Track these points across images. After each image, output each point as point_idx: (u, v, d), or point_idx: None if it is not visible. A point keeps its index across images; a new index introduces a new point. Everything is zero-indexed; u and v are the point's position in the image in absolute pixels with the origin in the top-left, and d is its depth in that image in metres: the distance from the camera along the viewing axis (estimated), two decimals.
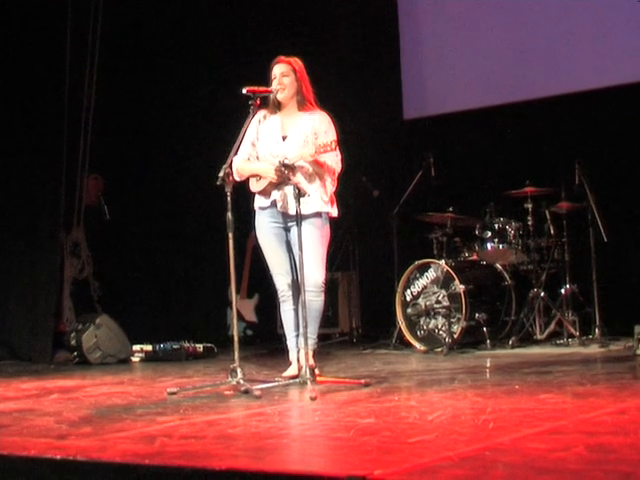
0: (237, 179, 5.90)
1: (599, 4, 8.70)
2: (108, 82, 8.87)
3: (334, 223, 6.03)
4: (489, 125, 9.05)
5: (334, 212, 5.99)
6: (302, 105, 5.96)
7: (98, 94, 8.79)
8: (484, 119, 9.11)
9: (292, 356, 6.00)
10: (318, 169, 5.81)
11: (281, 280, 5.99)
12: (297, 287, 5.89)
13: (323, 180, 5.87)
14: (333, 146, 5.56)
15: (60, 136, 8.31)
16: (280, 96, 5.92)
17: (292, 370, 5.92)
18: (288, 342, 6.04)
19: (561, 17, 8.87)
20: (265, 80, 5.95)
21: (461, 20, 9.44)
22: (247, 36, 9.82)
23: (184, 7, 9.66)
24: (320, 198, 5.86)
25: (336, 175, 5.91)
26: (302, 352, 5.62)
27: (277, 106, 6.00)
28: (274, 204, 5.90)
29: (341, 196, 6.18)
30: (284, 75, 5.91)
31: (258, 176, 5.91)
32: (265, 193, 5.92)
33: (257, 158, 5.99)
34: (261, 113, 6.01)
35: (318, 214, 5.86)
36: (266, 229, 5.99)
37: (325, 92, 6.16)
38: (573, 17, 8.83)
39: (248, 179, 5.98)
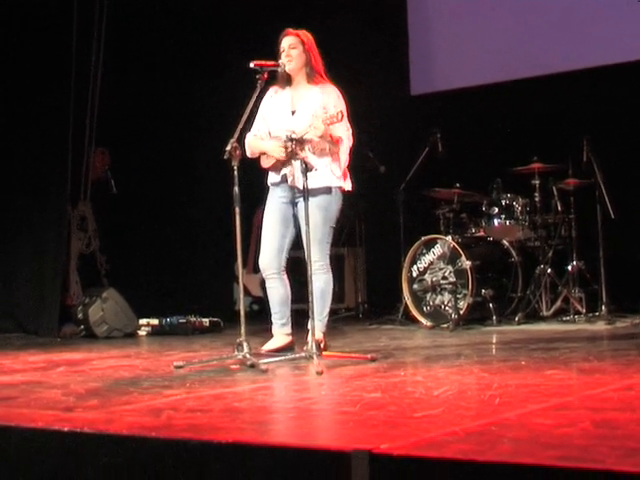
0: (249, 156, 5.95)
1: None
2: (115, 55, 8.85)
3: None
4: (496, 101, 9.01)
5: (347, 186, 6.00)
6: (311, 78, 5.95)
7: (105, 67, 8.77)
8: (491, 95, 9.08)
9: (274, 330, 6.06)
10: (328, 142, 5.79)
11: (264, 257, 6.03)
12: (281, 267, 5.98)
13: (335, 154, 5.86)
14: (339, 117, 5.56)
15: (66, 110, 8.29)
16: (288, 68, 5.91)
17: (273, 343, 6.01)
18: (272, 318, 6.09)
19: None
20: (273, 55, 5.93)
21: None
22: (255, 10, 9.77)
23: None
24: (331, 172, 5.86)
25: (347, 148, 5.90)
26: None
27: (287, 80, 6.00)
28: (284, 179, 5.92)
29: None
30: (292, 47, 5.91)
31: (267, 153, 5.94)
32: (275, 169, 5.94)
33: (269, 134, 6.00)
34: (272, 89, 6.04)
35: (328, 189, 5.87)
36: (274, 204, 6.02)
37: (332, 68, 6.13)
38: None
39: (260, 155, 6.00)
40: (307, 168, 5.50)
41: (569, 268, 7.96)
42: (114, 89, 8.87)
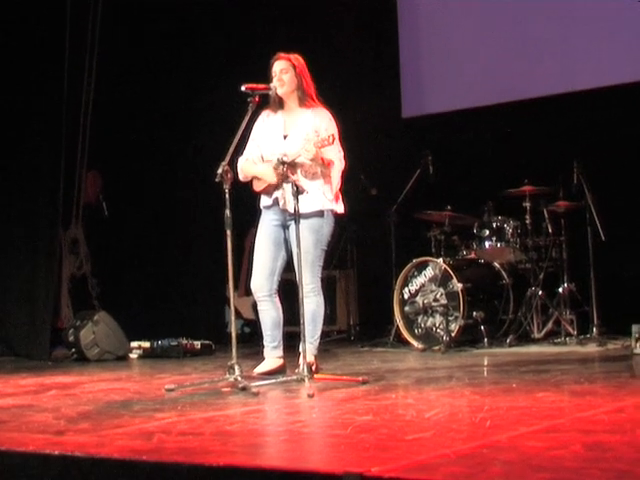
0: (241, 179, 5.97)
1: (599, 3, 8.70)
2: (107, 77, 8.87)
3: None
4: (487, 124, 9.04)
5: (339, 209, 6.02)
6: (303, 101, 5.98)
7: (97, 90, 8.79)
8: (482, 117, 9.11)
9: (265, 352, 6.06)
10: (320, 165, 5.82)
11: (256, 280, 6.03)
12: (273, 289, 5.98)
13: (327, 177, 5.88)
14: (331, 140, 5.60)
15: (59, 132, 8.30)
16: (280, 91, 5.94)
17: (264, 366, 6.00)
18: (264, 340, 6.09)
19: (560, 16, 8.87)
20: (266, 78, 5.95)
21: (460, 19, 9.44)
22: (247, 34, 9.81)
23: (185, 3, 9.64)
24: (323, 195, 5.88)
25: (339, 171, 5.92)
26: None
27: (279, 104, 6.02)
28: (276, 202, 5.94)
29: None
30: (283, 71, 5.93)
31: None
32: (267, 192, 5.96)
33: (262, 157, 6.02)
34: (264, 112, 6.06)
35: (320, 212, 5.88)
36: (266, 227, 6.04)
37: (324, 90, 6.16)
38: (572, 16, 8.83)
39: (252, 179, 6.02)
40: (298, 191, 5.52)
41: (560, 290, 7.97)
42: (106, 112, 8.88)
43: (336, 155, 5.86)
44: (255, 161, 6.03)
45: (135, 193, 9.30)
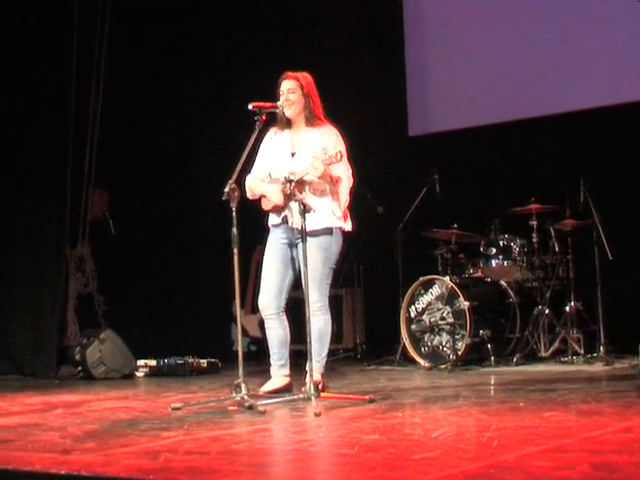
0: (249, 197, 5.98)
1: (605, 22, 8.71)
2: (114, 95, 8.89)
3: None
4: (494, 142, 9.05)
5: (347, 226, 6.03)
6: (311, 121, 5.98)
7: (104, 107, 8.81)
8: (489, 136, 9.11)
9: (272, 371, 6.07)
10: (328, 183, 5.82)
11: (264, 298, 6.03)
12: (280, 307, 5.99)
13: (336, 194, 5.89)
14: (339, 157, 5.61)
15: (65, 150, 8.33)
16: (288, 112, 5.95)
17: (271, 384, 6.00)
18: (271, 359, 6.09)
19: (567, 35, 8.88)
20: (272, 94, 5.97)
21: (467, 38, 9.46)
22: (254, 51, 9.84)
23: (191, 20, 9.68)
24: (332, 213, 5.89)
25: (347, 189, 5.93)
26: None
27: (286, 122, 6.03)
28: (285, 220, 5.95)
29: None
30: (291, 91, 5.94)
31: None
32: (276, 210, 5.96)
33: (270, 175, 6.03)
34: (272, 130, 6.08)
35: (328, 230, 5.89)
36: (274, 246, 6.04)
37: (330, 108, 6.17)
38: (579, 35, 8.84)
39: (260, 197, 6.03)
40: (305, 209, 5.52)
41: (567, 309, 7.96)
42: (113, 129, 8.91)
43: (344, 172, 5.87)
44: (263, 179, 6.04)
45: (142, 211, 9.32)
